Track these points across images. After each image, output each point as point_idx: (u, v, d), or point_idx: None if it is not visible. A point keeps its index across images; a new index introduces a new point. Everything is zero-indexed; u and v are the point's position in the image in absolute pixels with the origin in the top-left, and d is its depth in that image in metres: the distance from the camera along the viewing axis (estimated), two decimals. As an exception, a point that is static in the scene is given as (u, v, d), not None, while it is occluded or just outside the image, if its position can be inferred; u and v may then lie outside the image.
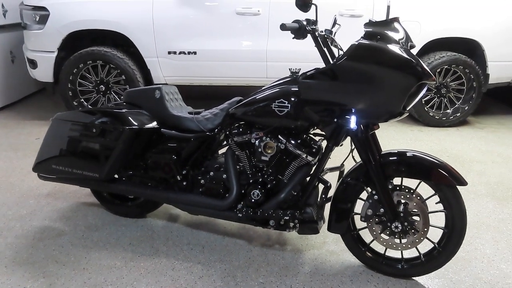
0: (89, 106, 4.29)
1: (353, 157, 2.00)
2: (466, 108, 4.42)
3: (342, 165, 2.21)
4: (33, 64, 4.30)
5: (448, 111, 4.43)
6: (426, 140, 4.02)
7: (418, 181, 1.96)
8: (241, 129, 2.08)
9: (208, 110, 2.26)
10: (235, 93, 5.38)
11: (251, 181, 2.09)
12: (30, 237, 2.30)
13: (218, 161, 2.23)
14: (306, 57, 4.22)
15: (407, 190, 1.94)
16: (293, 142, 1.98)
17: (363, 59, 1.72)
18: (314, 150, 1.98)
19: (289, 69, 2.11)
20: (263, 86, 2.12)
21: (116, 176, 2.29)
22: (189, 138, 2.16)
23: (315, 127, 2.02)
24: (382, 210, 1.91)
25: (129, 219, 2.50)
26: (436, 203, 1.92)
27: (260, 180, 2.08)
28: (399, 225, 1.89)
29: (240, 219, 2.07)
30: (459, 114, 4.44)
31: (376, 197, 1.91)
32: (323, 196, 2.04)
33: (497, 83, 4.45)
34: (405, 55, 1.70)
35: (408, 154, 1.91)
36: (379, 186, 1.88)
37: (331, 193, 2.06)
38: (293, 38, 1.94)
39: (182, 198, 2.17)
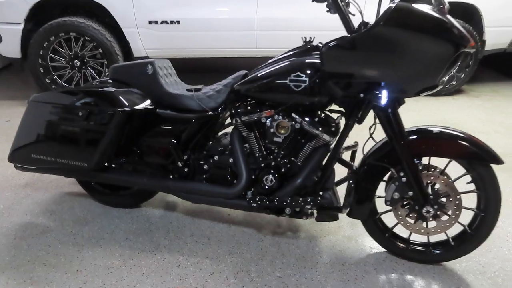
0: (63, 83, 3.92)
1: (371, 135, 1.80)
2: (461, 76, 4.29)
3: (356, 143, 2.01)
4: (-3, 37, 3.87)
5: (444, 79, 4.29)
6: (423, 110, 3.88)
7: (447, 160, 1.79)
8: (249, 108, 1.85)
9: (209, 86, 2.00)
10: (222, 65, 5.08)
11: (262, 165, 1.87)
12: (11, 236, 2.03)
13: (222, 143, 1.99)
14: (300, 25, 3.96)
15: (435, 170, 1.77)
16: (309, 120, 1.76)
17: (402, 25, 1.49)
18: (333, 129, 1.77)
19: (302, 37, 1.87)
20: (270, 59, 1.88)
21: (106, 164, 2.02)
22: (190, 119, 1.90)
23: (333, 103, 1.80)
24: (410, 193, 1.74)
25: (122, 210, 2.25)
26: (468, 183, 1.77)
27: (272, 164, 1.86)
28: (430, 209, 1.73)
29: (253, 208, 1.86)
30: (454, 82, 4.31)
31: (404, 179, 1.73)
32: (351, 182, 1.83)
33: (493, 49, 4.32)
34: (447, 20, 1.48)
35: (436, 131, 1.73)
36: (408, 167, 1.69)
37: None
38: (312, 1, 1.69)
39: (184, 187, 1.94)
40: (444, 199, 1.76)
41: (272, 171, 1.84)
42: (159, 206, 2.29)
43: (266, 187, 1.84)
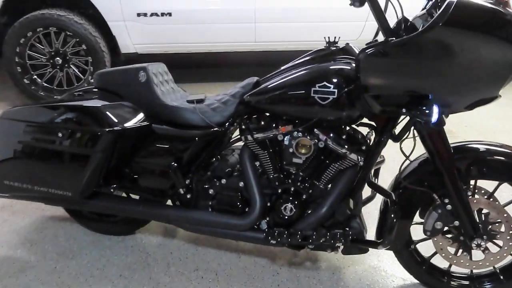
0: (44, 83, 3.56)
1: (402, 151, 1.51)
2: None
3: (382, 157, 1.74)
4: (-32, 33, 3.49)
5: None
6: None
7: (496, 182, 1.53)
8: (262, 123, 1.56)
9: (214, 97, 1.70)
10: (217, 60, 4.75)
11: (279, 190, 1.59)
12: (-17, 276, 1.73)
13: (229, 163, 1.70)
14: (304, 16, 3.66)
15: (483, 194, 1.51)
16: (335, 138, 1.48)
17: (465, 25, 1.20)
18: (363, 147, 1.50)
19: (325, 38, 1.57)
20: (285, 65, 1.58)
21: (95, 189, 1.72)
22: (193, 137, 1.61)
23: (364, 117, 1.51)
24: (456, 223, 1.47)
25: (113, 238, 1.95)
26: (520, 207, 1.51)
27: (291, 189, 1.58)
28: (482, 242, 1.47)
29: (270, 243, 1.58)
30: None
31: (449, 206, 1.46)
32: (384, 209, 1.56)
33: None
34: None
35: (483, 148, 1.47)
36: (456, 194, 1.43)
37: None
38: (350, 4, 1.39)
39: (187, 216, 1.65)
40: (495, 228, 1.50)
41: (291, 198, 1.56)
42: (157, 232, 2.00)
43: (286, 217, 1.56)
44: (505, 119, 3.38)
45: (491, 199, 1.50)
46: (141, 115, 1.64)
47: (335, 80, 1.39)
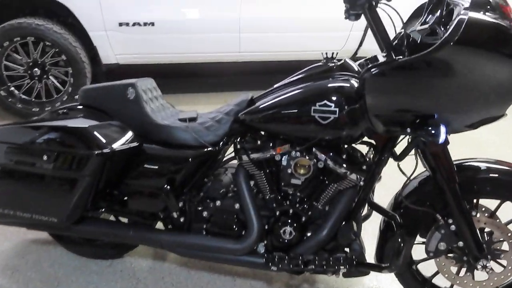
0: (21, 95, 3.40)
1: (401, 170, 1.48)
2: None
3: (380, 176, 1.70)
4: None
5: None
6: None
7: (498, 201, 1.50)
8: (259, 142, 1.50)
9: (206, 115, 1.64)
10: (202, 70, 4.66)
11: (277, 212, 1.53)
12: (-40, 310, 1.61)
13: (223, 184, 1.62)
14: (291, 26, 3.62)
15: (485, 212, 1.49)
16: (335, 157, 1.43)
17: (474, 43, 1.17)
18: (363, 166, 1.45)
19: (322, 53, 1.53)
20: (277, 83, 1.53)
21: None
22: (186, 158, 1.53)
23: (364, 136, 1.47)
24: (460, 243, 1.44)
25: (101, 262, 1.85)
26: (521, 225, 1.50)
27: (290, 211, 1.52)
28: (487, 263, 1.44)
29: (270, 269, 1.51)
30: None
31: (453, 227, 1.43)
32: (385, 230, 1.52)
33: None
34: None
35: (483, 166, 1.45)
36: (460, 214, 1.40)
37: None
38: (345, 18, 1.36)
39: (180, 241, 1.57)
40: (498, 247, 1.48)
41: (290, 220, 1.50)
42: (146, 255, 1.91)
43: (285, 241, 1.50)
44: (501, 133, 3.31)
45: (494, 218, 1.48)
46: (130, 135, 1.55)
47: (336, 99, 1.34)
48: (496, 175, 1.43)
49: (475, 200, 1.48)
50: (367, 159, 1.49)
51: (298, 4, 3.60)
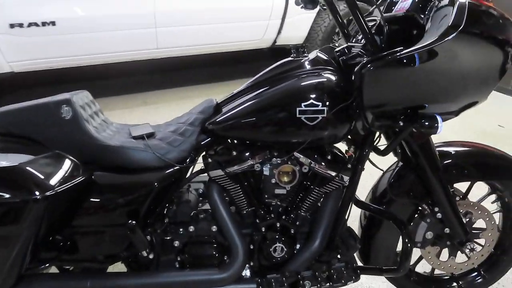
0: None
1: (373, 163, 1.43)
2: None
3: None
4: None
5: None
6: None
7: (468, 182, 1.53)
8: (235, 153, 1.32)
9: (165, 127, 1.40)
10: (113, 70, 4.19)
11: (262, 228, 1.37)
12: None
13: (191, 204, 1.40)
14: (210, 17, 3.42)
15: (461, 196, 1.50)
16: (320, 160, 1.32)
17: (476, 28, 1.13)
18: (349, 165, 1.36)
19: (290, 46, 1.39)
20: (243, 84, 1.37)
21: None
22: (150, 182, 1.29)
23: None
24: (447, 230, 1.44)
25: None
26: (492, 202, 1.55)
27: (277, 224, 1.37)
28: (473, 245, 1.45)
29: None
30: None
31: (439, 215, 1.42)
32: (367, 226, 1.46)
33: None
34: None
35: (455, 151, 1.46)
36: (446, 201, 1.38)
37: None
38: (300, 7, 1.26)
39: (155, 283, 1.32)
40: (476, 227, 1.51)
41: (278, 235, 1.36)
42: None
43: (278, 259, 1.35)
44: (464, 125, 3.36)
45: (466, 199, 1.50)
46: (74, 165, 1.25)
47: (323, 97, 1.22)
48: (468, 158, 1.45)
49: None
50: (351, 157, 1.40)
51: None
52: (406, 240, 1.33)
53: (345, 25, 1.42)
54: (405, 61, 1.13)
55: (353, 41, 1.40)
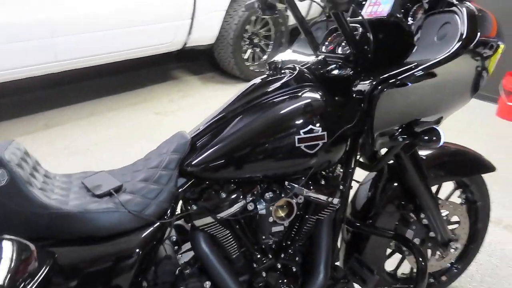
0: None
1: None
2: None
3: None
4: None
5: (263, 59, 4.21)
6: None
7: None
8: (224, 195, 1.14)
9: (133, 176, 1.16)
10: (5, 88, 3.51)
11: (263, 273, 1.22)
12: None
13: (172, 261, 1.18)
14: (120, 22, 3.06)
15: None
16: (315, 187, 1.21)
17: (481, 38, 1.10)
18: (341, 187, 1.28)
19: (266, 63, 1.26)
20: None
21: None
22: (131, 249, 1.05)
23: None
24: (431, 234, 1.45)
25: None
26: (458, 196, 1.62)
27: (277, 265, 1.24)
28: (458, 245, 1.49)
29: None
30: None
31: (425, 221, 1.42)
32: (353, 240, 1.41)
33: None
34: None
35: (430, 153, 1.47)
36: (432, 207, 1.39)
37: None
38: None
39: None
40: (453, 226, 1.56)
41: (281, 277, 1.23)
42: None
43: (287, 307, 1.22)
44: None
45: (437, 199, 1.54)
46: (24, 246, 0.94)
47: (322, 121, 1.10)
48: (438, 160, 1.48)
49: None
50: (337, 177, 1.32)
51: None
52: (420, 259, 1.30)
53: (306, 23, 1.33)
54: (421, 78, 1.07)
55: (324, 50, 1.30)
